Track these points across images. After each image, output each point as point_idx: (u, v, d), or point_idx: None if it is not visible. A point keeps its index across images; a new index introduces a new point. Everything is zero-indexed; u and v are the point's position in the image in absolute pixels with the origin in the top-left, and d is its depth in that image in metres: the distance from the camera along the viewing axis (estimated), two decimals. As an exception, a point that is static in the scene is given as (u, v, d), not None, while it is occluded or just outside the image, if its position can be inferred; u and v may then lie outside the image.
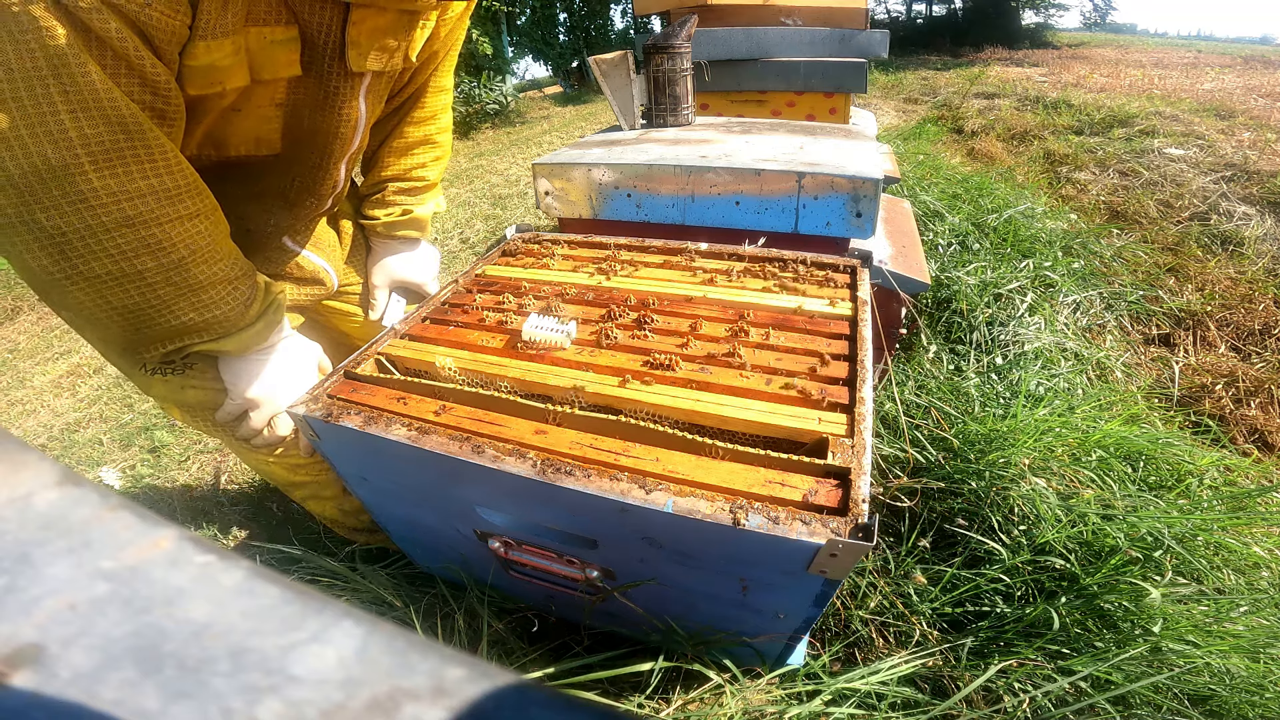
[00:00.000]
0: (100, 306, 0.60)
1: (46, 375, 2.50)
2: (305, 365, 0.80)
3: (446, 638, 0.88)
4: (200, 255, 0.62)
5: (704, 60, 2.03)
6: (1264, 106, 4.33)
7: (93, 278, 0.57)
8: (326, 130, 0.75)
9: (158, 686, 0.13)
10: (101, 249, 0.56)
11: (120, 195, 0.54)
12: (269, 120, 0.71)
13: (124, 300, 0.60)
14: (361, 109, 0.75)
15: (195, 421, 0.86)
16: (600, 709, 0.14)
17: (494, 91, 6.40)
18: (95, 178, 0.52)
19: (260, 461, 0.94)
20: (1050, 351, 1.67)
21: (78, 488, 0.17)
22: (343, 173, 0.85)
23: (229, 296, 0.67)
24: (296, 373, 0.79)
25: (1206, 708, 0.80)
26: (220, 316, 0.67)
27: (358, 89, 0.72)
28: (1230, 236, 2.52)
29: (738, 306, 0.78)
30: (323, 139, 0.76)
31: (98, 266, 0.56)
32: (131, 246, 0.57)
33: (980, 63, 8.30)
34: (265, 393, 0.76)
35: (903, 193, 2.55)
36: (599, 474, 0.53)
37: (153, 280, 0.60)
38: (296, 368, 0.79)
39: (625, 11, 9.78)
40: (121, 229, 0.55)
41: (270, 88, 0.66)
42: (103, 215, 0.54)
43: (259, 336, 0.72)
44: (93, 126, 0.50)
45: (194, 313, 0.64)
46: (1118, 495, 1.03)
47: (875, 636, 0.93)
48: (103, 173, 0.52)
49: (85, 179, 0.52)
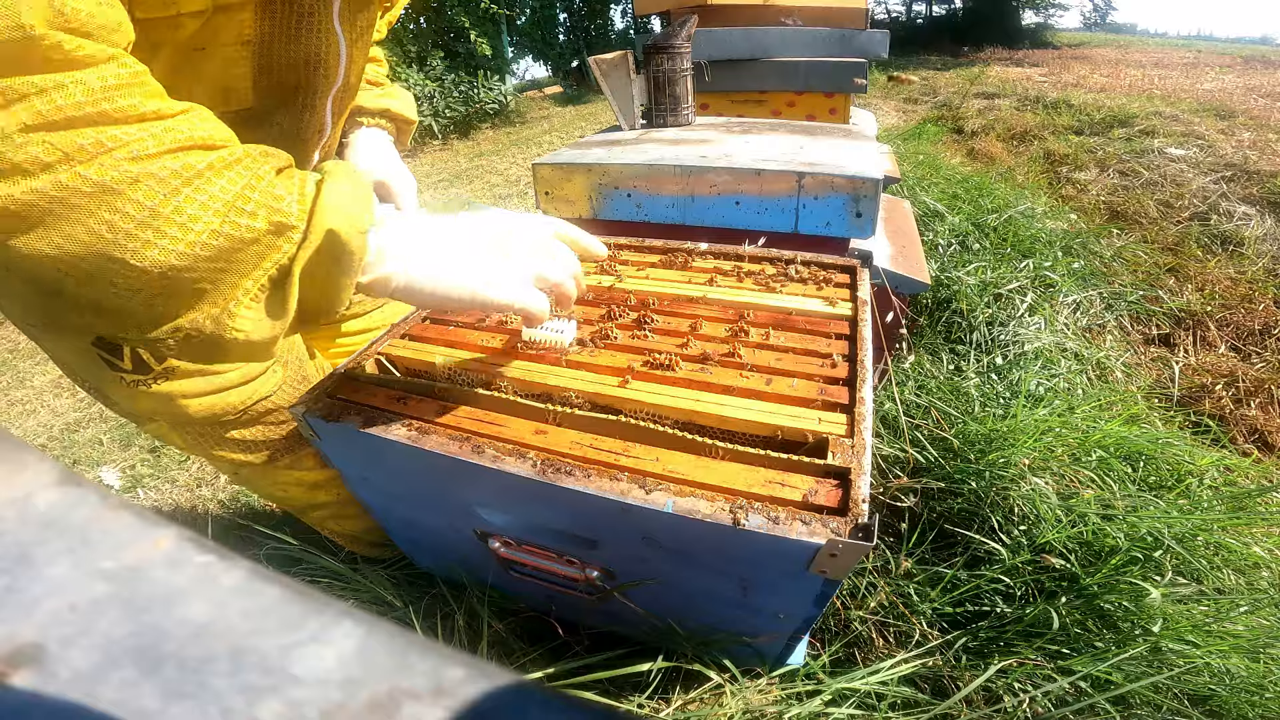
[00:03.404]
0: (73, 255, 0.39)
1: (46, 375, 2.50)
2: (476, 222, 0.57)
3: (446, 638, 0.88)
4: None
5: (704, 60, 2.03)
6: (1264, 106, 4.33)
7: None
8: (308, 59, 0.63)
9: (158, 686, 0.13)
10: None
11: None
12: (236, 63, 0.59)
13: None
14: (339, 31, 0.65)
15: (199, 441, 0.79)
16: (600, 709, 0.14)
17: (493, 91, 6.40)
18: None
19: (276, 486, 0.90)
20: (1050, 351, 1.67)
21: (78, 488, 0.17)
22: (329, 115, 0.73)
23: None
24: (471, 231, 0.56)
25: (1206, 708, 0.80)
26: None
27: (330, 11, 0.63)
28: (1230, 236, 2.52)
29: (738, 306, 0.78)
30: (305, 72, 0.65)
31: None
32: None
33: (980, 63, 8.30)
34: (487, 281, 0.54)
35: (903, 193, 2.55)
36: (599, 474, 0.53)
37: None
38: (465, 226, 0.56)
39: (625, 11, 9.78)
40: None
41: (236, 19, 0.55)
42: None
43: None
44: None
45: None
46: (1118, 495, 1.03)
47: (875, 636, 0.93)
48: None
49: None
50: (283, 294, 0.44)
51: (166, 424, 0.77)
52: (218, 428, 0.79)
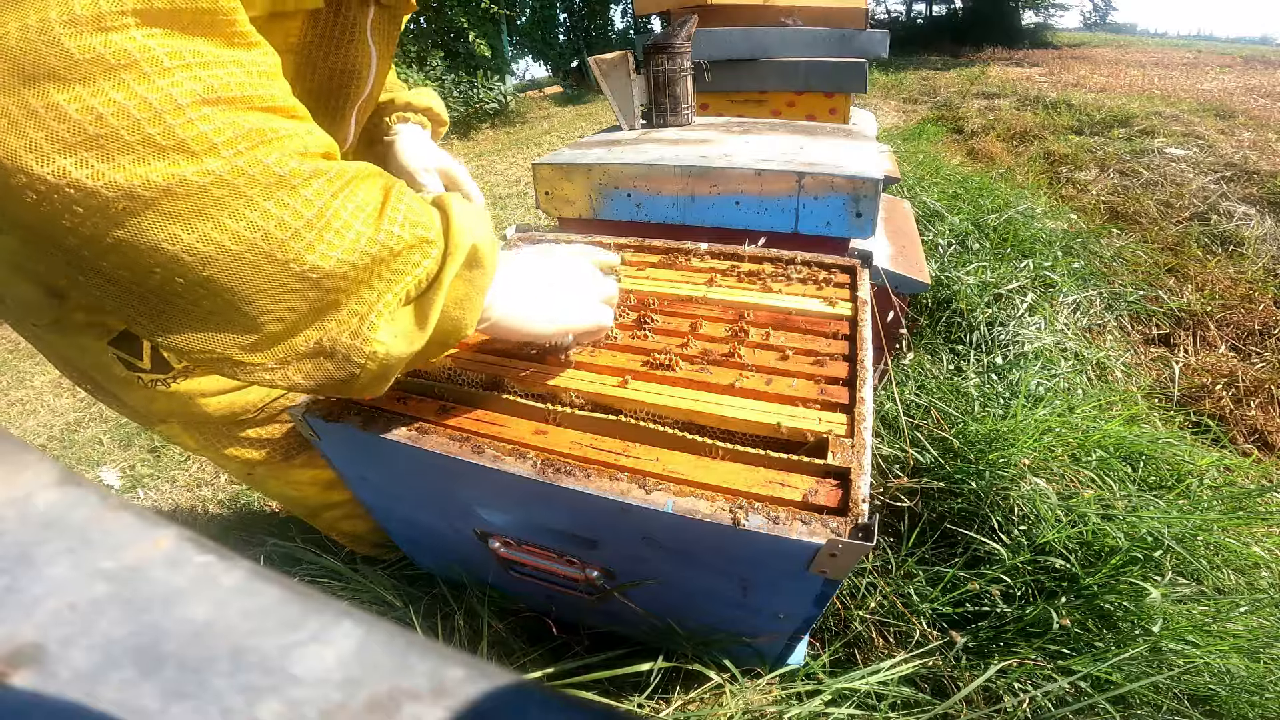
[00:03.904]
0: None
1: (46, 375, 2.50)
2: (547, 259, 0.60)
3: (446, 638, 0.88)
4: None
5: (704, 60, 2.03)
6: (1264, 106, 4.33)
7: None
8: (345, 69, 0.65)
9: (158, 686, 0.13)
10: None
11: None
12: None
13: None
14: (371, 45, 0.67)
15: (211, 442, 0.79)
16: (600, 709, 0.14)
17: (493, 91, 6.40)
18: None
19: (289, 486, 0.90)
20: (1050, 351, 1.67)
21: (78, 488, 0.17)
22: (353, 124, 0.75)
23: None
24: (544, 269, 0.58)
25: (1206, 708, 0.80)
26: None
27: (365, 24, 0.64)
28: (1230, 236, 2.52)
29: (738, 306, 0.78)
30: (339, 80, 0.65)
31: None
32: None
33: (980, 63, 8.30)
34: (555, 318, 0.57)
35: (903, 193, 2.55)
36: (599, 474, 0.53)
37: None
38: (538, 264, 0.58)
39: (625, 11, 9.78)
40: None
41: (286, 25, 0.56)
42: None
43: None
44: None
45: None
46: (1118, 495, 1.03)
47: (875, 636, 0.93)
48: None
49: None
50: (425, 306, 0.42)
51: (179, 425, 0.77)
52: (234, 426, 0.79)
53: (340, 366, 0.41)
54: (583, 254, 0.66)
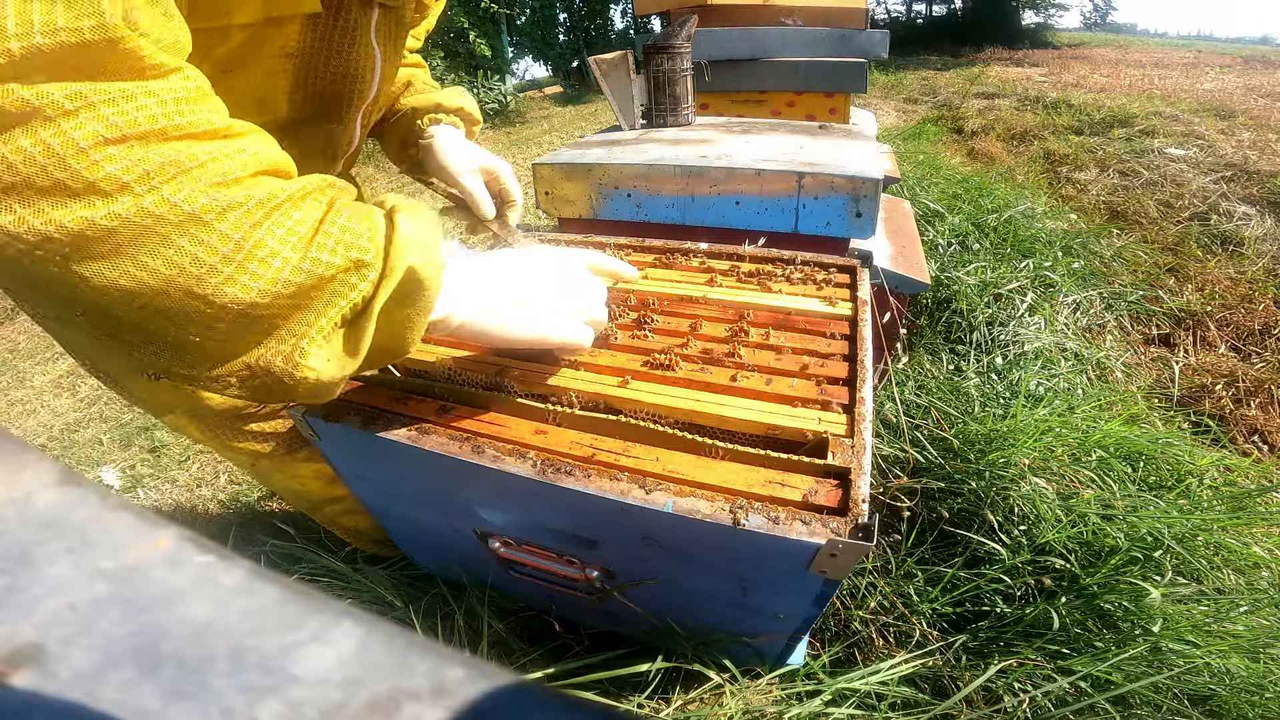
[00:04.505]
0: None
1: (46, 375, 2.50)
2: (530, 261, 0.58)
3: (446, 638, 0.88)
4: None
5: (704, 60, 2.03)
6: (1264, 106, 4.34)
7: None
8: (347, 73, 0.64)
9: (158, 686, 0.13)
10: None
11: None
12: (276, 75, 0.59)
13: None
14: (376, 47, 0.66)
15: (217, 434, 0.79)
16: (600, 709, 0.14)
17: (493, 91, 6.40)
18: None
19: (293, 479, 0.90)
20: (1050, 351, 1.67)
21: (78, 488, 0.17)
22: (358, 127, 0.75)
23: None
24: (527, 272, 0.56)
25: (1206, 708, 0.80)
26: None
27: (368, 26, 0.63)
28: (1230, 236, 2.52)
29: (738, 306, 0.78)
30: (342, 85, 0.65)
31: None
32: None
33: (980, 63, 8.31)
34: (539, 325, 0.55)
35: (903, 193, 2.55)
36: (599, 474, 0.53)
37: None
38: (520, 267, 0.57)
39: (625, 11, 9.78)
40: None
41: (283, 32, 0.55)
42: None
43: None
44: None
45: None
46: (1118, 495, 1.03)
47: (875, 636, 0.93)
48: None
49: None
50: (358, 332, 0.42)
51: (186, 416, 0.78)
52: (237, 420, 0.79)
53: (277, 385, 0.42)
54: (572, 260, 0.61)
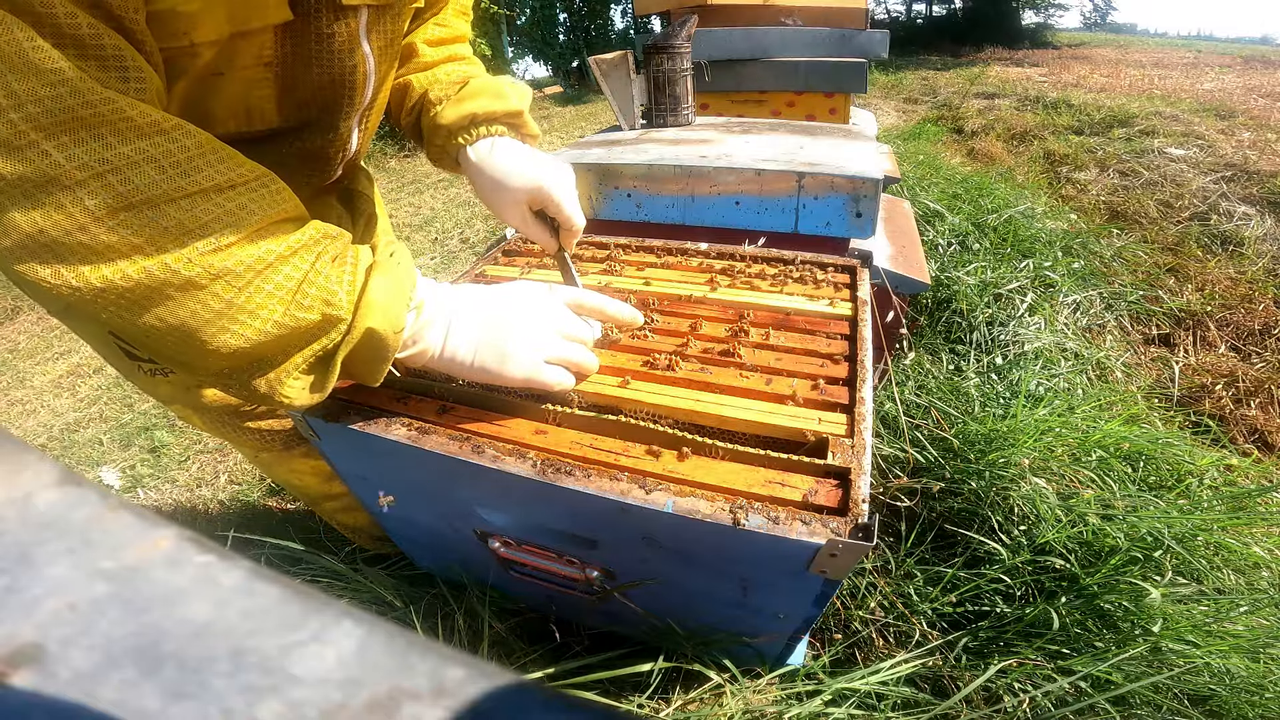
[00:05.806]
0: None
1: (46, 375, 2.50)
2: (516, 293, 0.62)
3: (446, 638, 0.88)
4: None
5: (704, 60, 2.03)
6: (1264, 106, 4.34)
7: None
8: (333, 80, 0.62)
9: (158, 686, 0.13)
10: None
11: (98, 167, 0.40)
12: (258, 84, 0.57)
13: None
14: (367, 51, 0.63)
15: (218, 426, 0.81)
16: (600, 709, 0.14)
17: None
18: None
19: (292, 474, 0.91)
20: (1050, 351, 1.67)
21: (78, 488, 0.17)
22: (355, 133, 0.72)
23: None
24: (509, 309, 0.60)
25: (1206, 708, 0.80)
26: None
27: (356, 29, 0.60)
28: (1230, 236, 2.52)
29: (738, 306, 0.78)
30: (330, 92, 0.63)
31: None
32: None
33: (980, 63, 8.31)
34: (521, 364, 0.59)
35: (903, 193, 2.55)
36: (599, 474, 0.53)
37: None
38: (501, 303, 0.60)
39: (625, 11, 9.79)
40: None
41: (255, 42, 0.54)
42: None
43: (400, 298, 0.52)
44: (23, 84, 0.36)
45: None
46: (1118, 495, 1.03)
47: (875, 636, 0.93)
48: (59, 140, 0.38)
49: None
50: (325, 372, 0.50)
51: (187, 408, 0.81)
52: (234, 417, 0.81)
53: (266, 400, 0.50)
54: (548, 299, 0.62)
